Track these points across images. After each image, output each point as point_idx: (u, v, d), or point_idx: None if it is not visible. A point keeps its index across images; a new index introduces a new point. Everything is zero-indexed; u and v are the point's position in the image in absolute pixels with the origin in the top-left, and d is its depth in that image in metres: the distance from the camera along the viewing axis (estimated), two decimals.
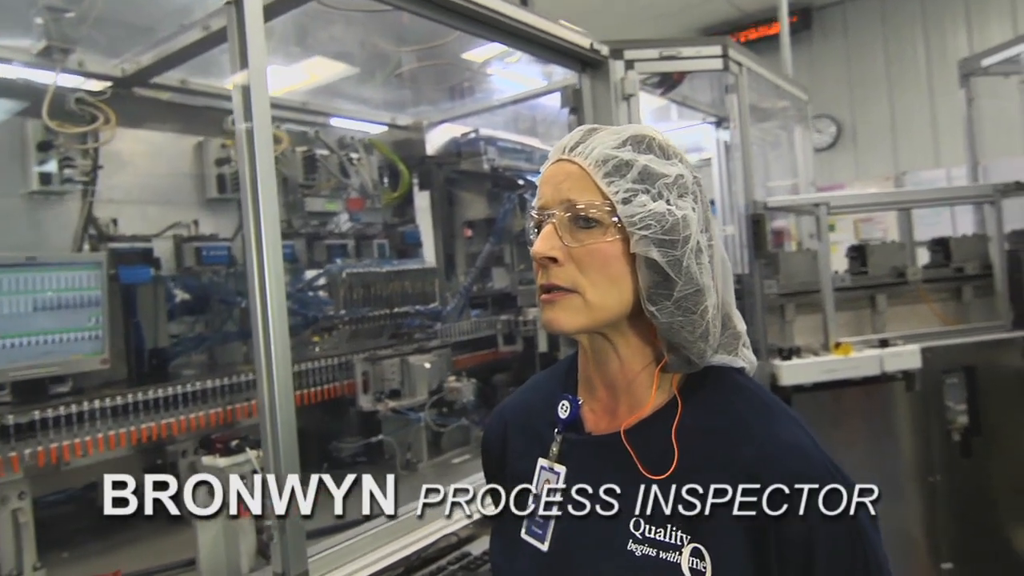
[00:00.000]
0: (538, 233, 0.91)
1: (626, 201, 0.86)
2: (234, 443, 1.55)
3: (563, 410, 0.98)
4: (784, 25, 4.66)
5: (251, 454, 1.55)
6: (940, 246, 3.58)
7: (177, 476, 2.11)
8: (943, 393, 3.24)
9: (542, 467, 0.98)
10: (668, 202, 0.87)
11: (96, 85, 2.38)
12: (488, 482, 1.12)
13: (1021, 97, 3.17)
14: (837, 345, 3.01)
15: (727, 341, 0.93)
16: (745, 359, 0.95)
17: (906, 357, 3.03)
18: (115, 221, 2.35)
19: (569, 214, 0.88)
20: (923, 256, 3.85)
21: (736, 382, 0.92)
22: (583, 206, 0.87)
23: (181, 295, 2.49)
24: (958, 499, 3.21)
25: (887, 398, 3.21)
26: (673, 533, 0.85)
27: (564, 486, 0.94)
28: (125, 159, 2.46)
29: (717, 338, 0.90)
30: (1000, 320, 3.34)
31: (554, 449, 0.97)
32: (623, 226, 0.87)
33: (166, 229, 2.52)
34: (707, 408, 0.90)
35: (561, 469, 0.95)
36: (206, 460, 1.58)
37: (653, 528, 0.86)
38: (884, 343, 3.11)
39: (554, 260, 0.88)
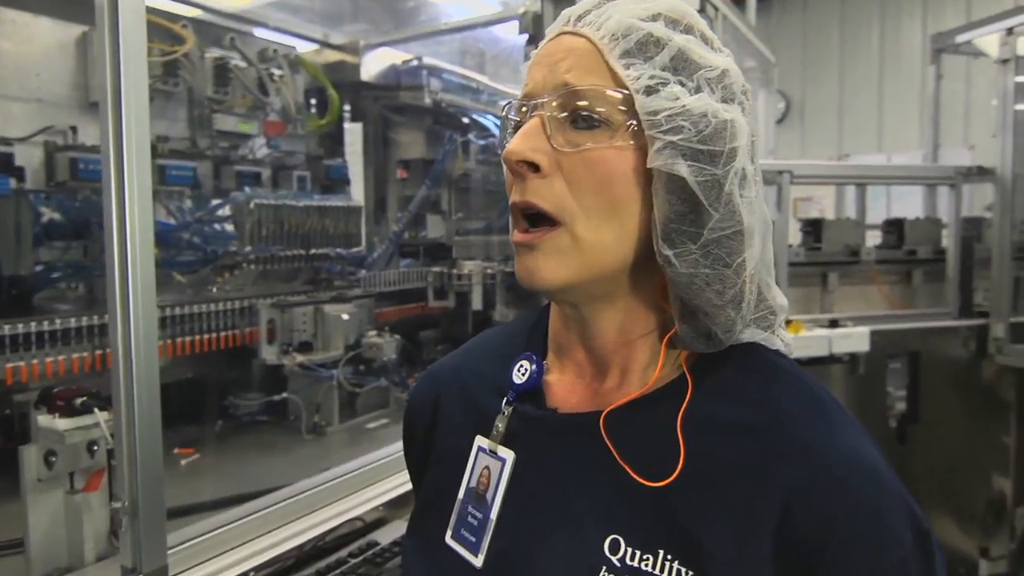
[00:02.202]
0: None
1: (650, 91, 0.59)
2: (79, 401, 1.21)
3: (520, 373, 0.70)
4: None
5: (100, 416, 1.22)
6: (893, 227, 3.46)
7: (26, 430, 1.76)
8: (885, 378, 3.15)
9: (480, 449, 0.70)
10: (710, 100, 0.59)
11: None
12: (408, 463, 0.84)
13: (1004, 79, 3.02)
14: (788, 322, 2.84)
15: (760, 316, 0.67)
16: (783, 340, 0.69)
17: (855, 339, 2.90)
18: None
19: (564, 106, 0.60)
20: (869, 239, 3.74)
21: (773, 363, 0.66)
22: (586, 93, 0.59)
23: (50, 214, 2.08)
24: None
25: (827, 380, 3.10)
26: (667, 564, 0.58)
27: (509, 479, 0.67)
28: None
29: (751, 309, 0.64)
30: (947, 307, 3.26)
31: (499, 426, 0.69)
32: (640, 129, 0.59)
33: (35, 133, 2.09)
34: (731, 393, 0.63)
35: (507, 455, 0.68)
36: (42, 420, 1.24)
37: (638, 553, 0.59)
38: (834, 323, 2.97)
39: (535, 168, 0.60)
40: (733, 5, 2.97)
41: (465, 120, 3.10)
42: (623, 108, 0.59)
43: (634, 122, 0.59)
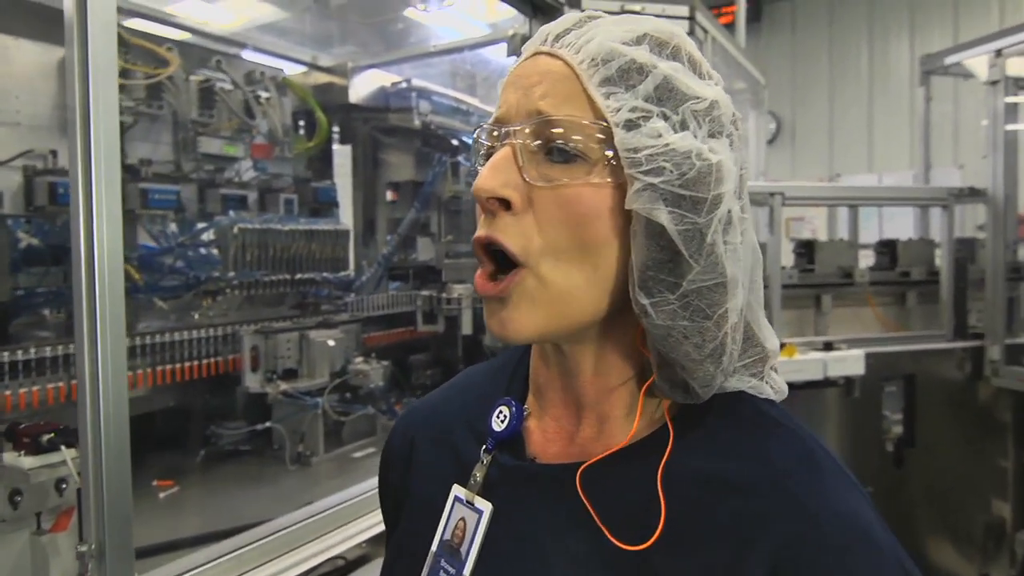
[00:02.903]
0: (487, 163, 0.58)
1: (631, 125, 0.54)
2: (46, 438, 1.16)
3: (499, 419, 0.65)
4: (742, 6, 4.45)
5: (67, 454, 1.16)
6: (887, 248, 3.44)
7: None
8: (881, 401, 3.11)
9: (457, 499, 0.65)
10: (696, 137, 0.55)
11: None
12: (383, 507, 0.79)
13: (993, 100, 3.02)
14: (782, 346, 2.81)
15: (750, 361, 0.62)
16: (774, 386, 0.64)
17: (850, 362, 2.87)
18: None
19: (538, 135, 0.56)
20: (862, 258, 3.72)
21: (763, 413, 0.61)
22: (561, 123, 0.55)
23: (28, 239, 2.03)
24: (885, 511, 3.11)
25: (822, 403, 3.06)
26: None
27: (486, 532, 0.62)
28: None
29: (734, 360, 0.59)
30: (942, 329, 3.23)
31: (477, 475, 0.64)
32: (620, 164, 0.54)
33: (14, 157, 2.05)
34: (716, 446, 0.58)
35: (485, 506, 0.63)
36: (7, 458, 1.18)
37: None
38: (828, 346, 2.93)
39: (506, 205, 0.56)
40: (722, 27, 2.97)
41: (454, 142, 3.08)
42: (601, 140, 0.55)
43: (612, 156, 0.55)
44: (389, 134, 3.17)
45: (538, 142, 0.56)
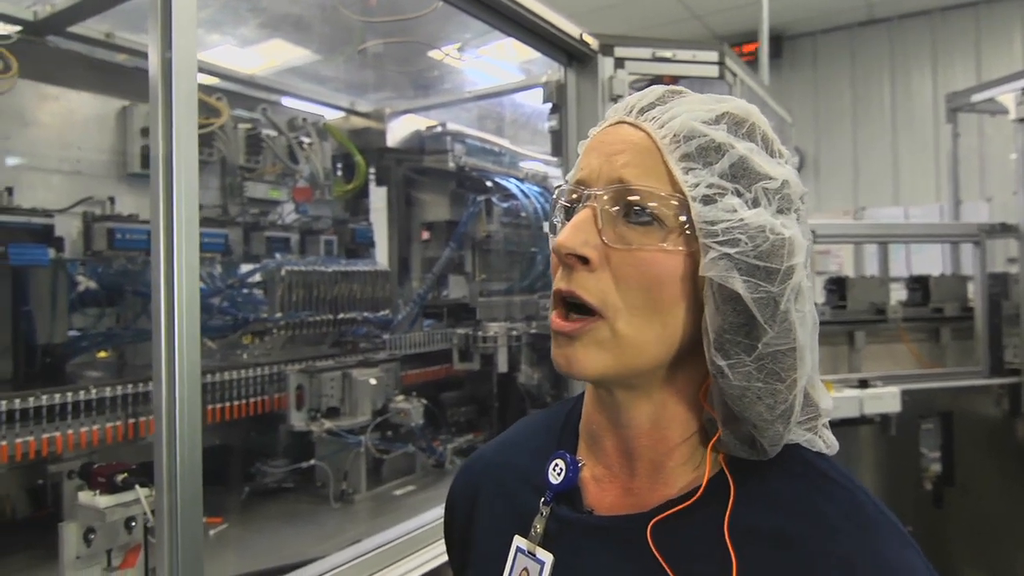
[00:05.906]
0: (566, 220, 0.63)
1: (707, 200, 0.59)
2: (120, 477, 1.21)
3: (555, 472, 0.69)
4: (764, 44, 4.52)
5: (141, 493, 1.21)
6: (919, 284, 3.44)
7: (59, 501, 1.75)
8: (918, 439, 3.08)
9: (519, 549, 0.69)
10: (767, 213, 0.59)
11: (0, 28, 2.02)
12: (449, 549, 0.83)
13: (1020, 137, 3.04)
14: None
15: (805, 418, 0.66)
16: (826, 441, 0.67)
17: (886, 400, 2.86)
18: (9, 190, 1.97)
19: (618, 200, 0.61)
20: (892, 291, 3.71)
21: (814, 466, 0.64)
22: (641, 192, 0.60)
23: (86, 283, 2.12)
24: (925, 551, 3.05)
25: (859, 442, 3.04)
26: None
27: None
28: (28, 117, 2.08)
29: (796, 418, 0.63)
30: (978, 365, 3.21)
31: (537, 527, 0.68)
32: (693, 234, 0.59)
33: (74, 204, 2.15)
34: (771, 501, 0.61)
35: (546, 557, 0.66)
36: (82, 497, 1.23)
37: None
38: (864, 383, 2.93)
39: (585, 261, 0.60)
40: (750, 69, 3.03)
41: (488, 183, 3.15)
42: (677, 206, 0.59)
43: (687, 224, 0.59)
44: (424, 175, 3.25)
45: (616, 207, 0.61)
